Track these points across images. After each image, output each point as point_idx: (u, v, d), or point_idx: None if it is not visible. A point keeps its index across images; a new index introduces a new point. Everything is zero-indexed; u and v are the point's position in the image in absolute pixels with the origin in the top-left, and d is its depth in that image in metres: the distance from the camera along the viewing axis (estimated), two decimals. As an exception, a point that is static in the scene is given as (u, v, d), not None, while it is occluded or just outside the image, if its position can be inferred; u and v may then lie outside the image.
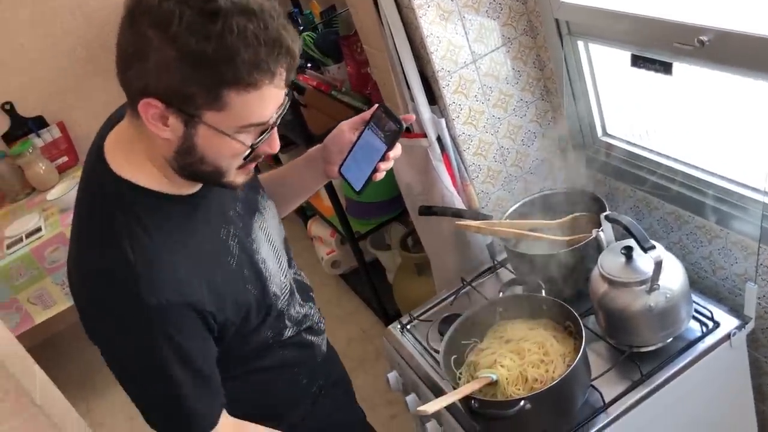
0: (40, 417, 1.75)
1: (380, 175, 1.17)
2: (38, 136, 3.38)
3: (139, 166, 1.02)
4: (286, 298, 1.22)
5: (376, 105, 1.19)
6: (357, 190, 1.18)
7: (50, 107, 3.44)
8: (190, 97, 0.89)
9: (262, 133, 0.97)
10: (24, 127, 3.39)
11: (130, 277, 0.96)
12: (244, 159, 0.99)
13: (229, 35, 0.86)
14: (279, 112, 0.97)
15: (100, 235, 1.01)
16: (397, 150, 1.16)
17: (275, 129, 1.00)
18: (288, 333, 1.24)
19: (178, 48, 0.86)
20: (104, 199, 1.02)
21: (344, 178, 1.21)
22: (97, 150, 1.05)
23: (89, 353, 3.55)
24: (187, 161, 0.98)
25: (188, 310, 1.01)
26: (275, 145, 1.01)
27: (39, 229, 2.91)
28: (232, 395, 1.13)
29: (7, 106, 3.36)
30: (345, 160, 1.21)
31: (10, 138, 3.38)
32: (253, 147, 0.97)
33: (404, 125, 1.13)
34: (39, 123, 3.42)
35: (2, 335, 1.81)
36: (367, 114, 1.20)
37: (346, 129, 1.24)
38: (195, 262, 1.03)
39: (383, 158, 1.15)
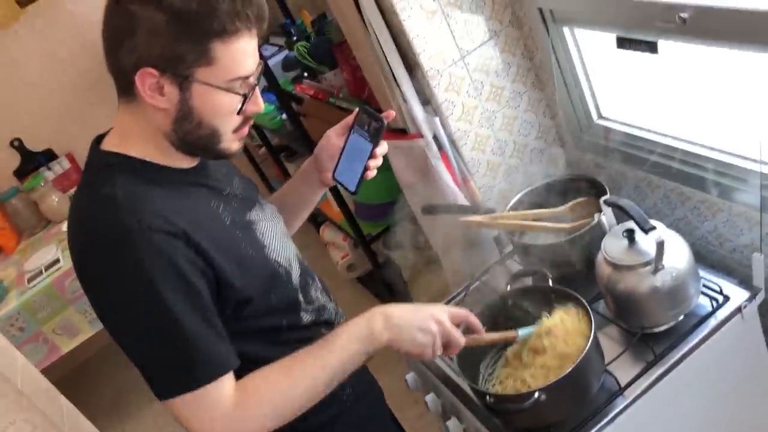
0: (71, 447, 1.78)
1: (371, 173, 1.23)
2: (49, 168, 3.44)
3: (135, 144, 1.08)
4: (297, 273, 1.23)
5: (357, 108, 1.24)
6: (352, 191, 1.24)
7: (58, 139, 3.49)
8: (181, 56, 0.98)
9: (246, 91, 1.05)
10: (34, 161, 3.45)
11: (113, 208, 1.01)
12: (239, 114, 1.06)
13: None
14: (258, 72, 1.07)
15: (89, 190, 1.06)
16: (383, 147, 1.22)
17: (257, 89, 1.08)
18: (306, 318, 1.23)
19: (166, 10, 0.96)
20: (98, 167, 1.08)
21: (339, 182, 1.27)
22: (92, 150, 1.11)
23: (119, 377, 3.62)
24: (185, 128, 1.05)
25: (174, 239, 1.01)
26: (260, 103, 1.09)
27: (57, 261, 2.96)
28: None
29: (16, 143, 3.42)
30: (336, 165, 1.27)
31: (21, 173, 3.44)
32: (244, 96, 1.04)
33: (385, 122, 1.19)
34: (48, 156, 3.48)
35: (27, 370, 1.85)
36: (350, 118, 1.26)
37: (333, 135, 1.29)
38: (183, 212, 1.05)
39: (371, 156, 1.21)
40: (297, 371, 1.08)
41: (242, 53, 1.02)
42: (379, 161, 1.23)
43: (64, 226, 3.19)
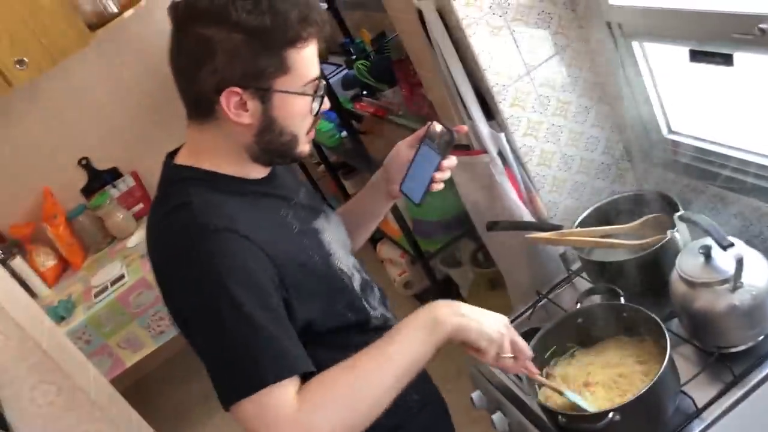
0: (139, 457, 1.82)
1: (438, 186, 1.25)
2: (114, 186, 3.54)
3: (209, 159, 1.12)
4: (358, 282, 1.24)
5: (430, 122, 1.25)
6: (416, 202, 1.25)
7: (123, 158, 3.60)
8: (262, 71, 1.04)
9: (316, 92, 1.11)
10: (100, 179, 3.56)
11: (188, 213, 1.06)
12: (316, 115, 1.12)
13: (278, 3, 1.02)
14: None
15: (165, 202, 1.12)
16: (451, 160, 1.24)
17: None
18: (374, 322, 1.24)
19: (243, 30, 1.00)
20: (174, 180, 1.13)
21: (404, 194, 1.28)
22: (164, 166, 1.17)
23: (180, 392, 3.67)
24: (266, 138, 1.10)
25: (246, 241, 1.04)
26: (326, 102, 1.14)
27: (122, 276, 3.04)
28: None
29: (84, 161, 3.54)
30: (404, 177, 1.28)
31: (88, 191, 3.55)
32: (321, 96, 1.11)
33: (456, 135, 1.21)
34: (114, 174, 3.59)
35: (99, 381, 1.90)
36: (421, 131, 1.27)
37: (403, 147, 1.32)
38: (254, 219, 1.09)
39: (438, 168, 1.23)
40: (361, 368, 1.05)
41: (312, 56, 1.08)
42: (446, 174, 1.25)
43: (129, 243, 3.29)
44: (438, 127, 1.23)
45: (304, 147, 1.16)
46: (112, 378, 2.93)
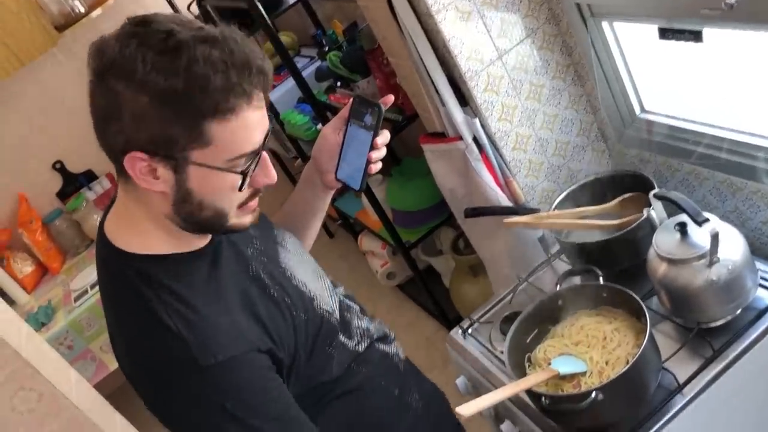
0: (126, 461, 1.80)
1: (375, 167, 1.13)
2: (90, 189, 3.50)
3: (143, 234, 1.00)
4: (343, 312, 1.20)
5: (351, 98, 1.15)
6: (356, 189, 1.14)
7: (98, 160, 3.52)
8: (173, 139, 0.88)
9: (247, 169, 0.95)
10: (75, 182, 3.52)
11: (180, 346, 0.94)
12: (241, 190, 0.96)
13: (196, 65, 0.85)
14: (266, 137, 0.96)
15: (135, 314, 0.98)
16: (384, 135, 1.11)
17: (267, 158, 0.98)
18: (360, 348, 1.21)
19: (149, 92, 0.85)
20: (125, 280, 0.99)
21: (343, 182, 1.17)
22: (100, 235, 1.04)
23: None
24: (186, 210, 0.96)
25: (251, 354, 0.98)
26: (271, 175, 0.99)
27: (102, 279, 3.00)
28: (331, 427, 1.11)
29: (58, 165, 3.49)
30: (338, 164, 1.17)
31: (63, 195, 3.51)
32: (244, 174, 0.94)
33: (383, 107, 1.09)
34: (89, 177, 3.55)
35: (81, 386, 1.88)
36: (345, 110, 1.15)
37: (329, 132, 1.18)
38: (234, 307, 1.01)
39: (373, 147, 1.11)
40: None
41: (243, 129, 0.91)
42: (381, 152, 1.12)
43: (107, 245, 3.26)
44: (361, 102, 1.11)
45: (240, 221, 1.01)
46: (97, 382, 2.91)
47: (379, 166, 1.13)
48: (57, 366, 1.83)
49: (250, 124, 0.91)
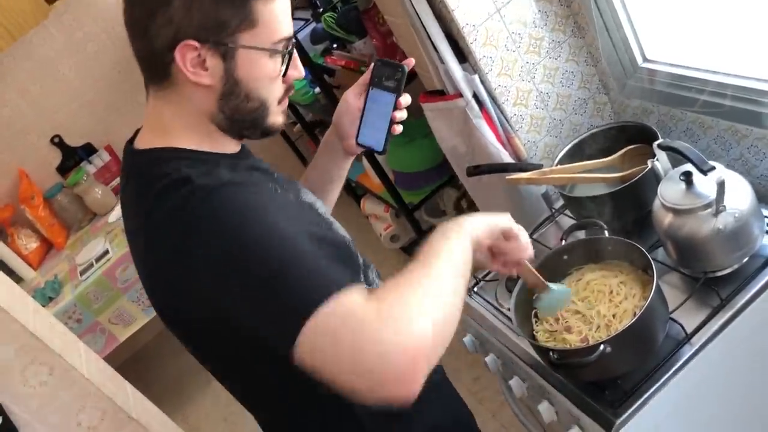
0: (140, 431, 1.82)
1: (398, 128, 1.15)
2: (90, 162, 3.49)
3: (177, 136, 1.00)
4: (366, 262, 1.17)
5: (373, 62, 1.16)
6: (379, 150, 1.16)
7: (96, 132, 3.53)
8: (224, 23, 0.92)
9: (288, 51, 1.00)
10: (75, 156, 3.50)
11: (189, 184, 0.91)
12: (285, 76, 1.01)
13: None
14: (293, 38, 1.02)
15: (151, 186, 0.95)
16: (407, 96, 1.14)
17: (295, 53, 1.03)
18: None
19: None
20: (144, 167, 0.99)
21: (364, 146, 1.18)
22: (128, 154, 1.03)
23: (174, 363, 3.68)
24: (232, 104, 0.99)
25: (264, 181, 0.98)
26: (300, 68, 1.04)
27: (107, 252, 3.02)
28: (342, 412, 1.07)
29: (56, 139, 3.47)
30: (359, 129, 1.17)
31: (63, 169, 3.50)
32: (289, 55, 1.00)
33: (406, 68, 1.11)
34: (88, 150, 3.53)
35: (90, 358, 1.89)
36: (367, 74, 1.17)
37: (351, 97, 1.20)
38: (252, 185, 0.98)
39: (396, 108, 1.13)
40: (427, 265, 0.92)
41: (282, 11, 0.97)
42: (404, 113, 1.15)
43: (110, 218, 3.26)
44: (384, 64, 1.14)
45: (276, 118, 1.04)
46: (108, 354, 2.93)
47: (401, 128, 1.16)
48: (66, 339, 1.84)
49: (287, 8, 0.98)
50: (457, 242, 0.99)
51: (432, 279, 0.90)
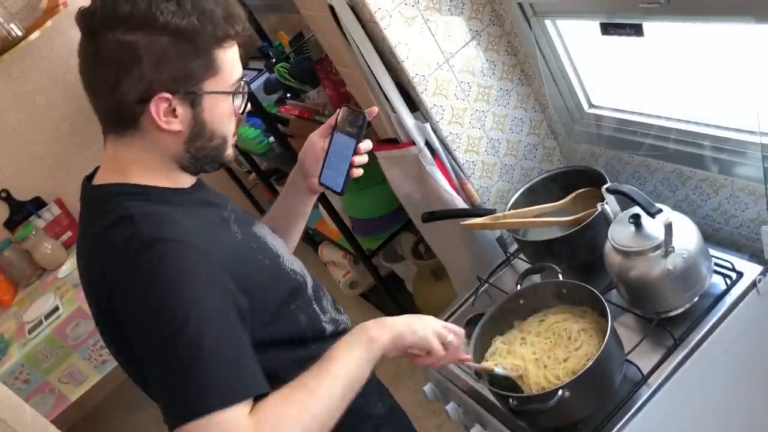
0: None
1: (357, 171, 1.22)
2: (39, 216, 3.39)
3: (132, 173, 1.06)
4: (311, 284, 1.20)
5: (340, 108, 1.22)
6: (338, 191, 1.22)
7: (45, 186, 3.45)
8: (191, 73, 1.00)
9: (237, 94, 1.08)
10: (23, 210, 3.40)
11: (130, 225, 0.98)
12: (243, 112, 1.10)
13: (200, 3, 0.99)
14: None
15: (99, 222, 1.02)
16: (367, 142, 1.21)
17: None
18: (328, 328, 1.19)
19: (171, 32, 0.97)
20: (98, 202, 1.05)
21: (325, 186, 1.24)
22: (86, 189, 1.09)
23: (128, 422, 3.54)
24: (198, 144, 1.06)
25: (195, 252, 0.97)
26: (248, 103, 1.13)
27: (56, 309, 2.92)
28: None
29: (3, 194, 3.38)
30: (322, 168, 1.24)
31: (11, 224, 3.40)
32: (244, 94, 1.09)
33: (368, 116, 1.19)
34: (37, 204, 3.44)
35: (36, 421, 1.81)
36: (332, 119, 1.24)
37: (316, 138, 1.27)
38: (198, 228, 1.02)
39: (356, 152, 1.20)
40: (309, 386, 0.98)
41: (236, 55, 1.06)
42: (363, 158, 1.22)
43: (60, 273, 3.17)
44: (349, 111, 1.21)
45: (231, 151, 1.13)
46: (58, 414, 2.82)
47: (360, 171, 1.23)
48: (11, 403, 1.76)
49: (237, 51, 1.07)
50: (359, 356, 1.05)
51: (317, 398, 0.97)
